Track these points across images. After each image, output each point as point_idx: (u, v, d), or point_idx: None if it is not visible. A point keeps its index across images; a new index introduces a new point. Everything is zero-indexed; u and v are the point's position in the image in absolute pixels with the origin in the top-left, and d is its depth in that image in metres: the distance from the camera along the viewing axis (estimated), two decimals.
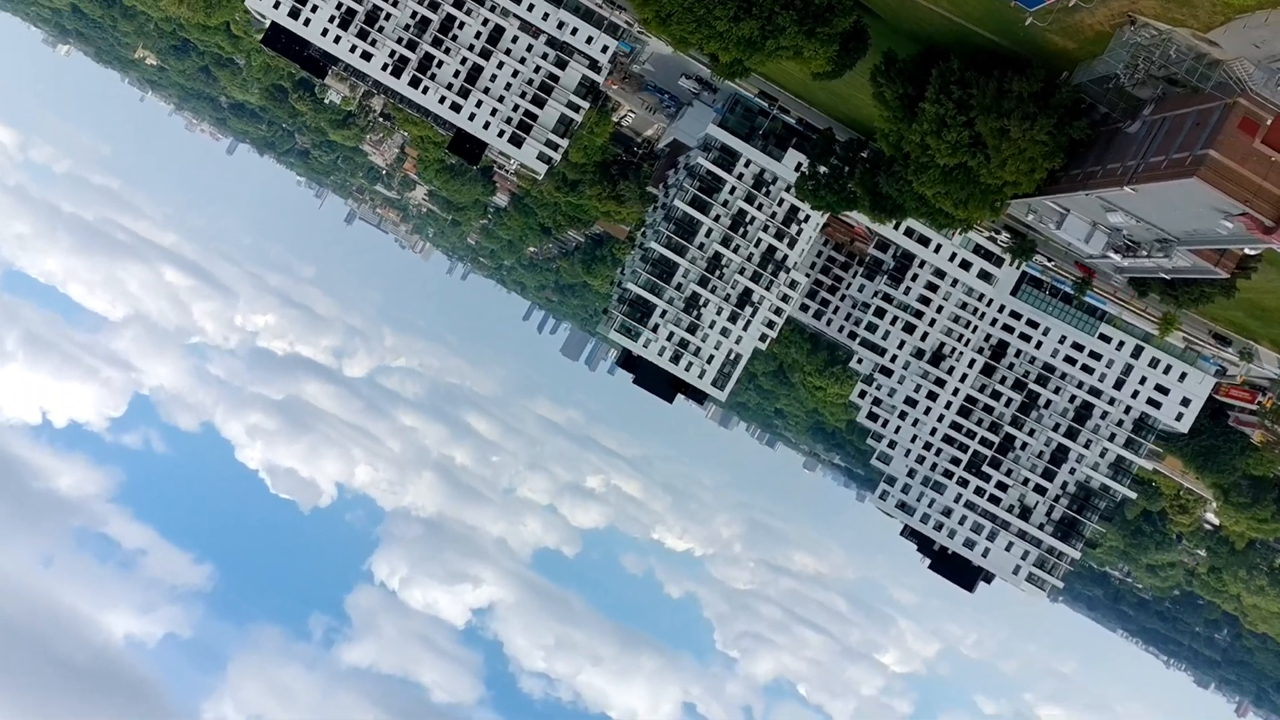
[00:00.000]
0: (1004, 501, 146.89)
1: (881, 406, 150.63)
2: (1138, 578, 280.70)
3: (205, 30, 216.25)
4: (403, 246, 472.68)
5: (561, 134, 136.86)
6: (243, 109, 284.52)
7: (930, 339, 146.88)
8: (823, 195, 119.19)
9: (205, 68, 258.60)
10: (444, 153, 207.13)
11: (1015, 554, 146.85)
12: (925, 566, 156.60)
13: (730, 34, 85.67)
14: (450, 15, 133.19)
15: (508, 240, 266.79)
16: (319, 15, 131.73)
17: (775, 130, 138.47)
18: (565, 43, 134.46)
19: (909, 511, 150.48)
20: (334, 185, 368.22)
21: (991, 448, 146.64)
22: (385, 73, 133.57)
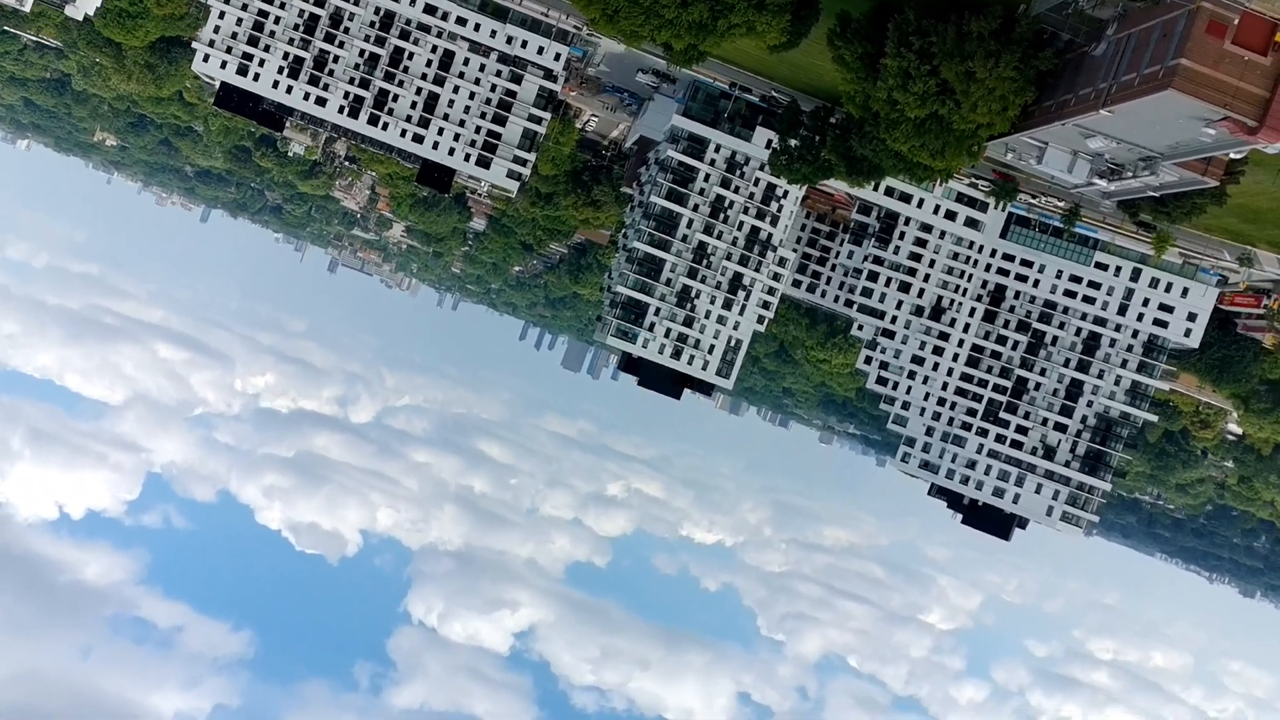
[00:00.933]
0: (1026, 444, 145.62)
1: (889, 369, 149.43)
2: (1169, 499, 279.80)
3: (159, 102, 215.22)
4: (389, 286, 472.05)
5: (527, 148, 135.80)
6: (209, 175, 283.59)
7: (927, 295, 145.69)
8: (798, 168, 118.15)
9: (165, 140, 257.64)
10: (414, 186, 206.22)
11: (1046, 495, 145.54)
12: (958, 522, 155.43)
13: (680, 20, 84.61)
14: (398, 48, 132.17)
15: (491, 263, 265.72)
16: (267, 68, 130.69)
17: (740, 111, 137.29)
18: (517, 57, 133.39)
19: (933, 470, 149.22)
20: (311, 236, 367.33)
21: (1005, 393, 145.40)
22: (342, 115, 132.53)
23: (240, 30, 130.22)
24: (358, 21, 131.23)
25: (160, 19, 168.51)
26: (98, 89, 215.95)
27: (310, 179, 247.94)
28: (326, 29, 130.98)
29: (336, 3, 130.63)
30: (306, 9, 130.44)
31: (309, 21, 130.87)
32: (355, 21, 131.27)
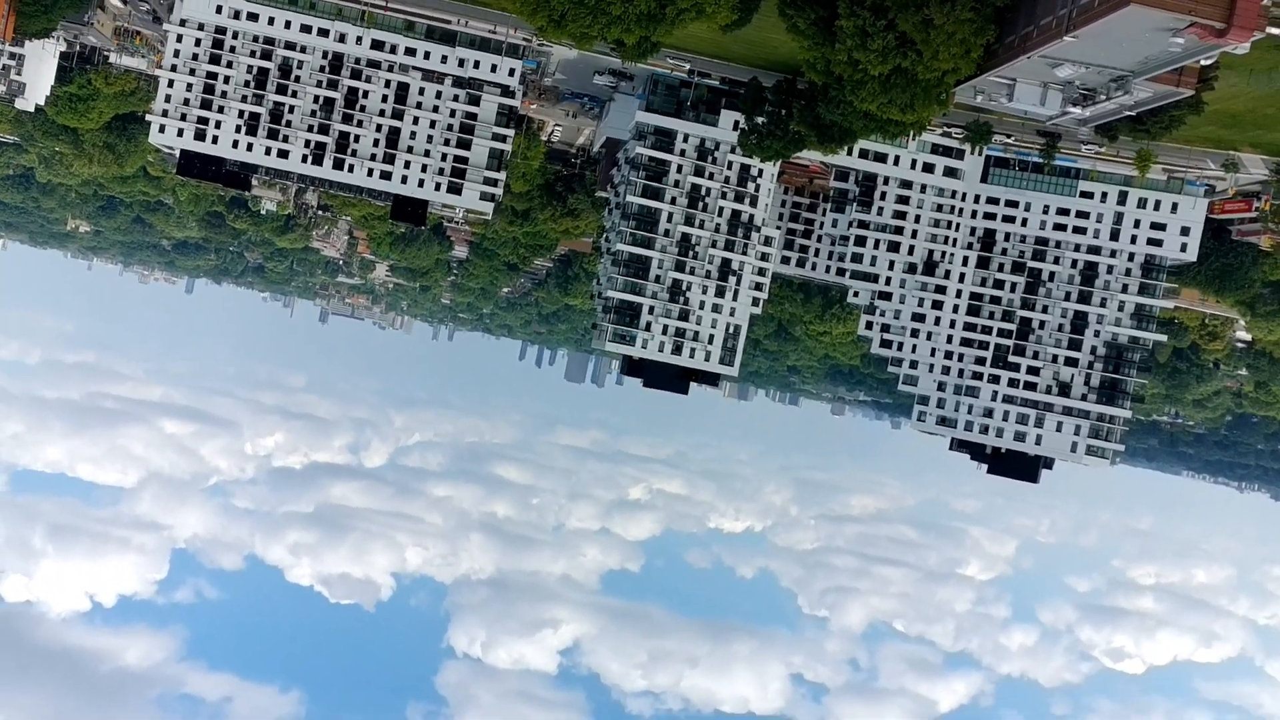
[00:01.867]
0: (1040, 384, 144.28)
1: (891, 331, 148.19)
2: (1187, 416, 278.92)
3: (124, 181, 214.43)
4: (382, 327, 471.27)
5: (496, 168, 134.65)
6: (187, 245, 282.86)
7: (917, 251, 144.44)
8: (769, 145, 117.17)
9: (137, 218, 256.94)
10: (390, 224, 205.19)
11: (1068, 432, 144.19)
12: (983, 473, 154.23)
13: (628, 14, 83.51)
14: (352, 88, 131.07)
15: (479, 288, 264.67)
16: (224, 129, 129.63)
17: (702, 97, 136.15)
18: (471, 78, 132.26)
19: (951, 425, 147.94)
20: (297, 290, 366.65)
21: (1011, 336, 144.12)
22: (307, 164, 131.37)
23: (192, 96, 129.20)
24: (307, 69, 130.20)
25: (111, 98, 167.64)
26: (62, 178, 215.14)
27: (287, 233, 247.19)
28: (277, 81, 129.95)
29: (283, 54, 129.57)
30: (254, 65, 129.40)
31: (259, 76, 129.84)
32: (305, 69, 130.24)
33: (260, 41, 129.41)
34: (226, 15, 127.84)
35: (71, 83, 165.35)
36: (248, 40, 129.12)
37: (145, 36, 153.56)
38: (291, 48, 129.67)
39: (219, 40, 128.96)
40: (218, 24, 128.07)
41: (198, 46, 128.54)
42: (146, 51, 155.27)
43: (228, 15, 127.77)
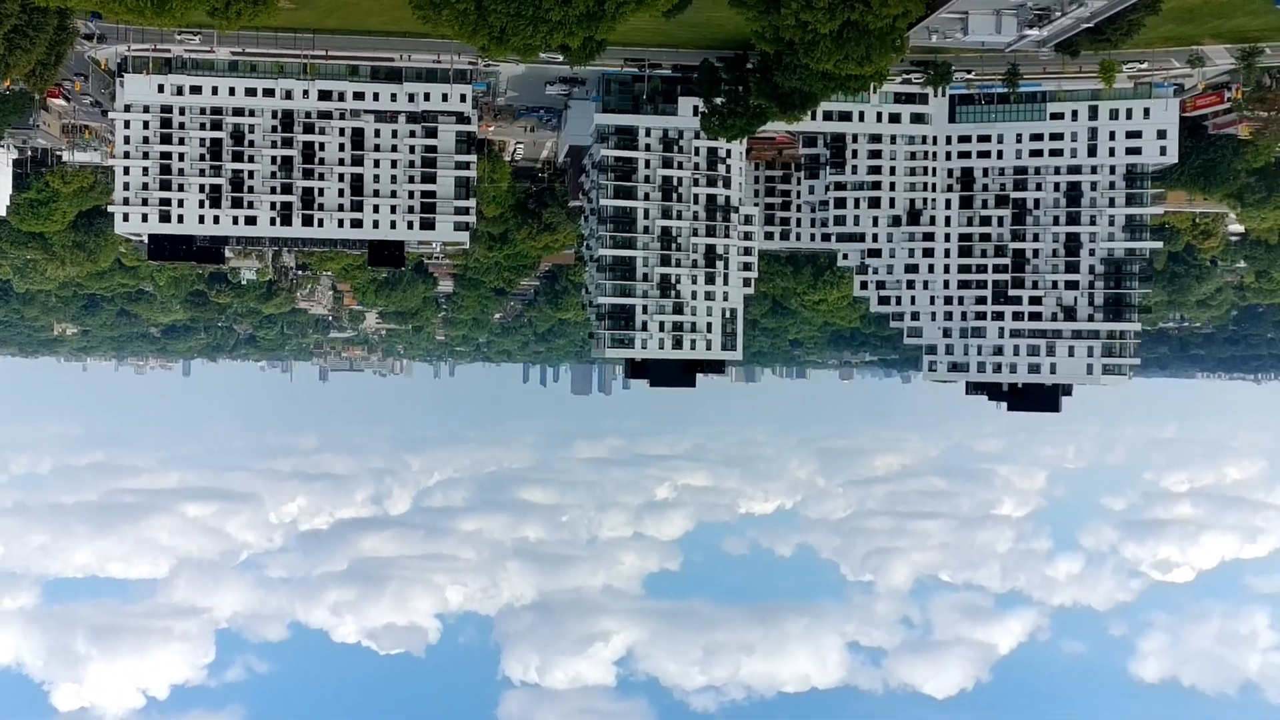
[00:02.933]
0: (1045, 313, 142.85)
1: (887, 287, 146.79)
2: (1193, 318, 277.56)
3: (101, 277, 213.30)
4: (382, 374, 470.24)
5: (465, 196, 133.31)
6: (175, 329, 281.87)
7: (899, 202, 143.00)
8: (732, 123, 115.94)
9: (122, 310, 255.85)
10: (370, 271, 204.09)
11: (1081, 356, 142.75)
12: (1001, 411, 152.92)
13: (568, 18, 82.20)
14: (307, 142, 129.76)
15: (471, 319, 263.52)
16: (188, 206, 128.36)
17: (657, 89, 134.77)
18: (425, 111, 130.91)
19: (963, 369, 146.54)
20: (293, 353, 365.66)
21: (1007, 271, 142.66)
22: (276, 226, 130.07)
23: (149, 179, 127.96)
24: (259, 131, 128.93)
25: (72, 196, 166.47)
26: (39, 284, 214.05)
27: (271, 299, 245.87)
28: (232, 149, 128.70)
29: (233, 121, 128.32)
30: (206, 137, 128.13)
31: (212, 147, 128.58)
32: (257, 132, 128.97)
33: (208, 113, 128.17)
34: (169, 93, 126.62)
35: (29, 188, 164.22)
36: (195, 114, 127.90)
37: (94, 129, 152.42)
38: (240, 113, 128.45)
39: (166, 119, 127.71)
40: (162, 104, 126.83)
41: (146, 129, 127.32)
42: (98, 144, 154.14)
43: (170, 93, 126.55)
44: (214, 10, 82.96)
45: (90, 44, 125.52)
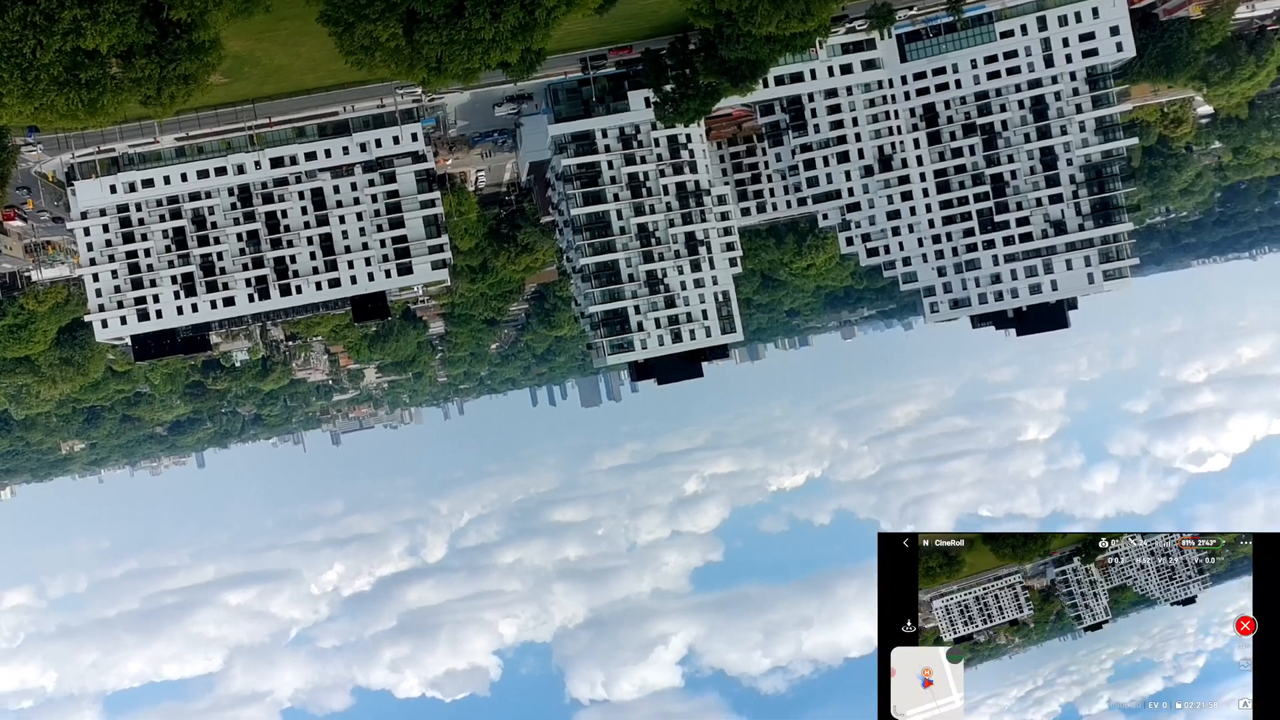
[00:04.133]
0: (1034, 232, 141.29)
1: (872, 239, 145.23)
2: (1178, 208, 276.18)
3: (95, 388, 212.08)
4: (393, 427, 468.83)
5: (436, 234, 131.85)
6: (180, 424, 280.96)
7: (867, 152, 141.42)
8: (686, 107, 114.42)
9: (124, 417, 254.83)
10: (358, 328, 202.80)
11: (1079, 267, 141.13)
12: (1009, 340, 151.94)
13: (501, 33, 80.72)
14: (269, 212, 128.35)
15: (468, 355, 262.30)
16: (164, 300, 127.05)
17: (605, 88, 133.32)
18: (379, 158, 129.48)
19: (964, 304, 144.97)
20: (301, 424, 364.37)
21: (989, 198, 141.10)
22: (255, 302, 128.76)
23: (120, 281, 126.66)
24: (219, 211, 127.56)
25: (48, 315, 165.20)
26: (35, 408, 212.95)
27: (268, 376, 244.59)
28: (196, 234, 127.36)
29: (191, 206, 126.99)
30: (168, 228, 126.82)
31: (176, 237, 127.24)
32: (217, 212, 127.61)
33: (164, 204, 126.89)
34: (122, 192, 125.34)
35: (4, 315, 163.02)
36: (152, 207, 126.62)
37: (56, 243, 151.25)
38: (196, 197, 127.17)
39: (125, 218, 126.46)
40: (117, 204, 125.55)
41: (107, 232, 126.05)
42: (63, 256, 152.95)
43: (123, 192, 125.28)
44: (147, 99, 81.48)
45: (34, 158, 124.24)
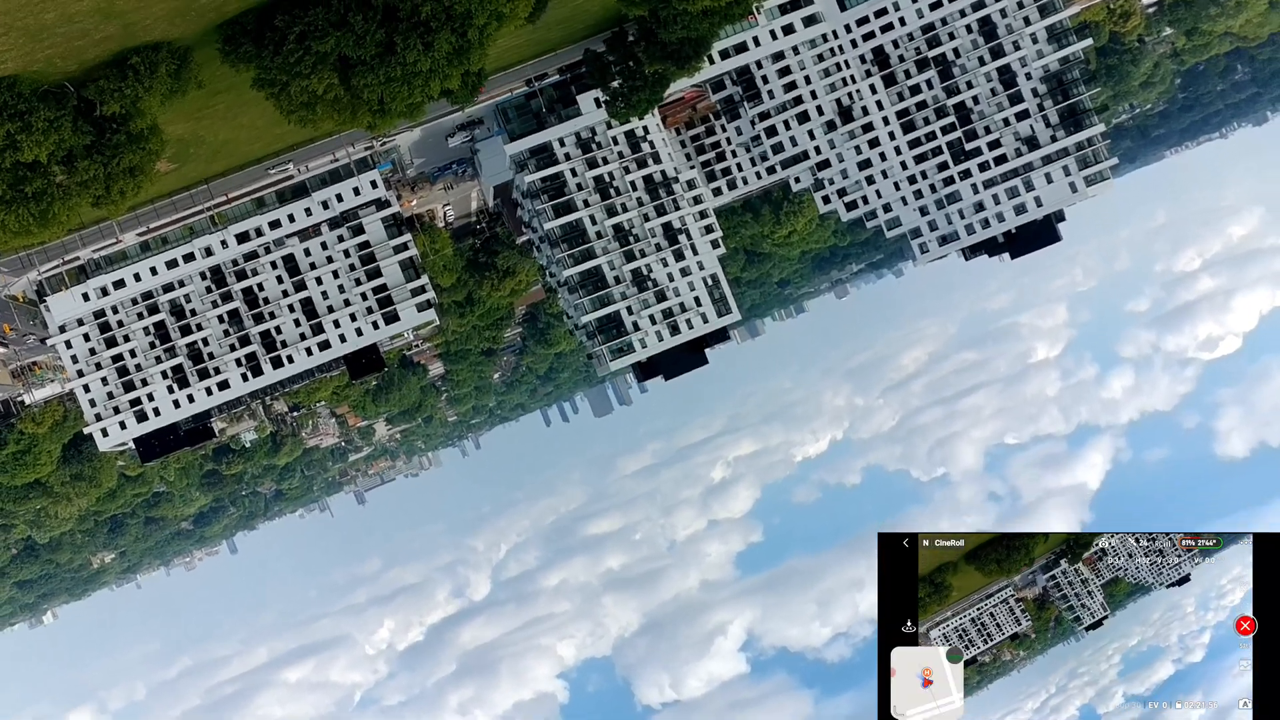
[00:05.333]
0: (1007, 152, 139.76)
1: (848, 192, 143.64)
2: (1142, 101, 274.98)
3: (111, 497, 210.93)
4: (414, 475, 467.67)
5: (415, 276, 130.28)
6: (204, 515, 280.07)
7: (826, 107, 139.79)
8: (637, 100, 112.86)
9: (147, 519, 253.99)
10: (358, 385, 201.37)
11: (1059, 178, 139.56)
12: (1002, 264, 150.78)
13: (437, 61, 79.20)
14: (245, 289, 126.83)
15: (473, 389, 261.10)
16: (159, 397, 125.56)
17: (553, 98, 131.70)
18: (342, 212, 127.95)
19: (953, 238, 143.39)
20: (323, 490, 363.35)
21: (956, 128, 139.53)
22: (249, 381, 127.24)
23: (112, 387, 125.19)
24: (195, 297, 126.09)
25: (49, 435, 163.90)
26: (56, 528, 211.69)
27: (280, 451, 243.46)
28: (177, 325, 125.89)
29: (166, 298, 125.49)
30: (148, 324, 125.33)
31: (159, 331, 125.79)
32: (194, 299, 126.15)
33: (140, 301, 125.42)
34: (95, 299, 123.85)
35: (5, 444, 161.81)
36: (128, 307, 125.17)
37: (42, 362, 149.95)
38: (170, 288, 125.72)
39: (104, 324, 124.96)
40: (93, 310, 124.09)
41: (89, 341, 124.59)
42: (52, 374, 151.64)
43: (96, 298, 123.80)
44: (98, 199, 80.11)
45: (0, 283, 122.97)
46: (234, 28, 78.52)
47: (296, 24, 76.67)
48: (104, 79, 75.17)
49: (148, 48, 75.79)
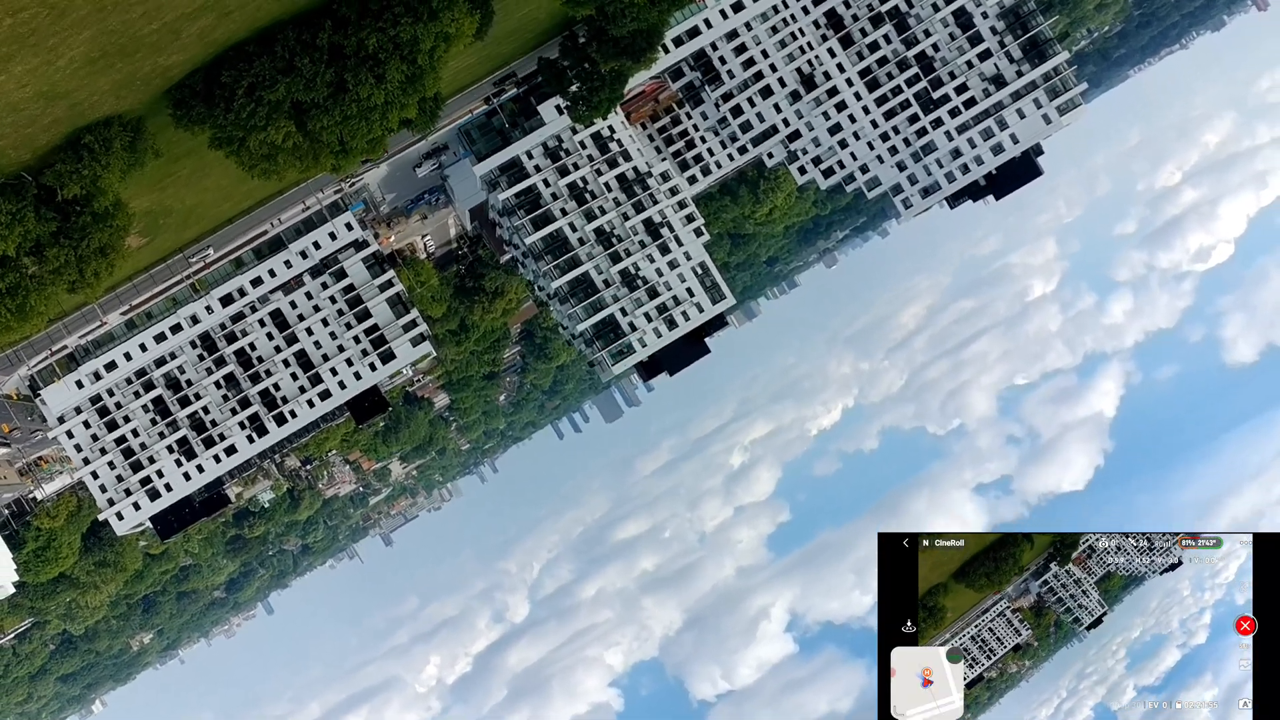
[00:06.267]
0: (976, 94, 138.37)
1: (823, 160, 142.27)
2: (1099, 24, 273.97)
3: (139, 578, 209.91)
4: (436, 509, 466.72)
5: (404, 312, 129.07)
6: (234, 581, 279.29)
7: (787, 79, 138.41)
8: (598, 100, 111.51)
9: (178, 594, 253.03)
10: (365, 429, 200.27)
11: (1031, 112, 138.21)
12: (987, 208, 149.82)
13: (391, 92, 77.98)
14: (238, 351, 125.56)
15: (480, 414, 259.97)
16: (168, 472, 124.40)
17: (514, 112, 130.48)
18: (322, 260, 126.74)
19: (935, 189, 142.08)
20: (348, 537, 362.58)
21: (921, 78, 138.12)
22: (256, 442, 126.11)
23: (119, 469, 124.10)
24: (189, 367, 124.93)
25: (66, 527, 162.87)
26: (89, 616, 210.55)
27: (299, 506, 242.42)
28: (175, 398, 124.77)
29: (160, 373, 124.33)
30: (145, 401, 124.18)
31: (158, 406, 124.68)
32: (188, 369, 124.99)
33: (135, 379, 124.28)
34: (89, 384, 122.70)
35: (25, 543, 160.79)
36: (124, 387, 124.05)
37: (47, 456, 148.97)
38: (162, 362, 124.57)
39: (102, 408, 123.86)
40: (89, 396, 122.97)
41: (90, 428, 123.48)
42: (58, 466, 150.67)
43: (90, 384, 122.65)
44: (73, 285, 78.97)
45: None
46: (182, 91, 77.29)
47: (244, 77, 75.48)
48: (60, 162, 73.96)
49: (99, 124, 74.59)
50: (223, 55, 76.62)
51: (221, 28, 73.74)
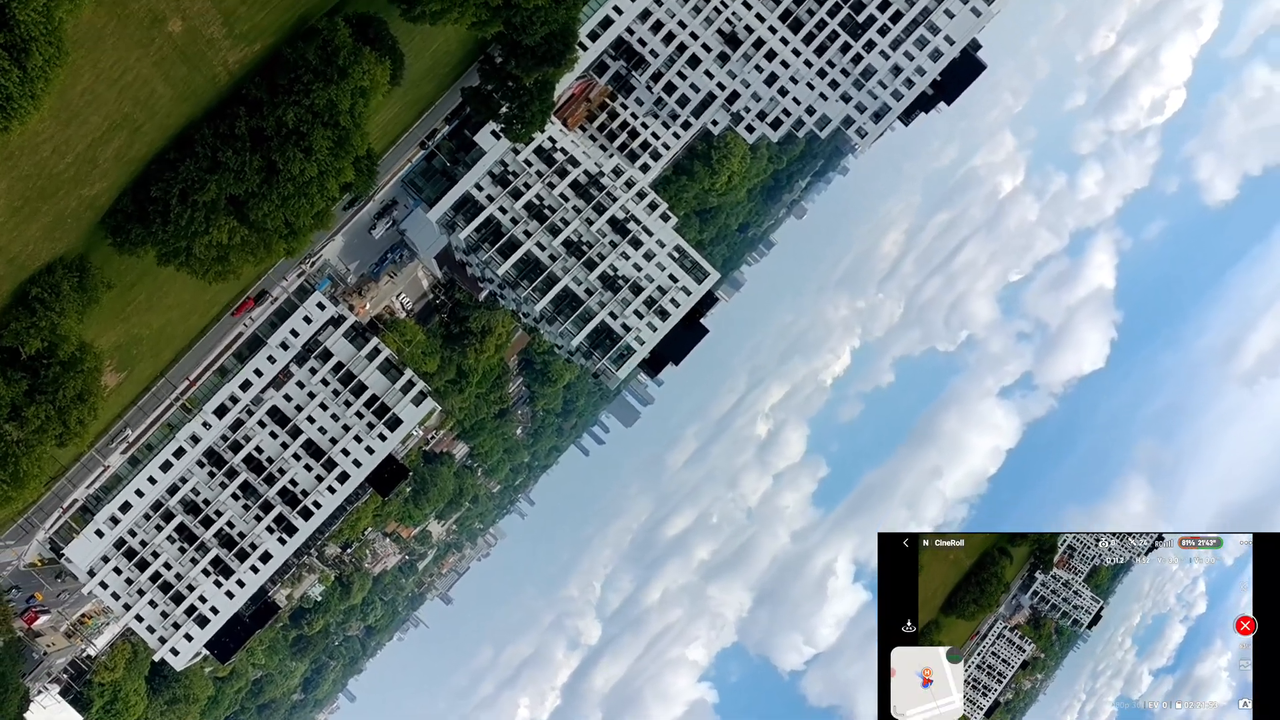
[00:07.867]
0: (898, 6, 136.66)
1: (767, 113, 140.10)
2: None
3: (215, 704, 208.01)
4: (485, 557, 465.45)
5: (398, 375, 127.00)
6: (309, 680, 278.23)
7: (710, 43, 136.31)
8: (530, 115, 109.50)
9: (258, 707, 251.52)
10: (392, 498, 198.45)
11: (959, 10, 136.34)
12: (943, 114, 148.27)
13: (324, 161, 75.88)
14: (248, 457, 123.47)
15: (502, 453, 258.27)
16: (210, 595, 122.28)
17: (451, 149, 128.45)
18: (305, 346, 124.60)
19: (885, 110, 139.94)
20: (407, 608, 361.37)
21: (842, 6, 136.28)
22: (288, 542, 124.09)
23: (161, 604, 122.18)
24: (202, 487, 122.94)
25: (126, 675, 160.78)
26: None
27: (350, 591, 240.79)
28: (197, 522, 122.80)
29: (175, 501, 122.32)
30: (169, 532, 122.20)
31: (182, 533, 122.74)
32: (202, 489, 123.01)
33: (153, 513, 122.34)
34: (109, 531, 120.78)
35: (90, 701, 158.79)
36: (144, 523, 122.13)
37: (88, 612, 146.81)
38: (175, 489, 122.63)
39: (129, 550, 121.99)
40: (112, 542, 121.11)
41: (121, 574, 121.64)
42: (103, 618, 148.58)
43: (109, 530, 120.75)
44: (60, 439, 77.03)
45: (12, 557, 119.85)
46: (115, 217, 75.23)
47: (173, 186, 73.42)
48: (13, 321, 71.94)
49: (42, 273, 72.59)
50: (146, 171, 74.54)
51: (136, 144, 71.68)
